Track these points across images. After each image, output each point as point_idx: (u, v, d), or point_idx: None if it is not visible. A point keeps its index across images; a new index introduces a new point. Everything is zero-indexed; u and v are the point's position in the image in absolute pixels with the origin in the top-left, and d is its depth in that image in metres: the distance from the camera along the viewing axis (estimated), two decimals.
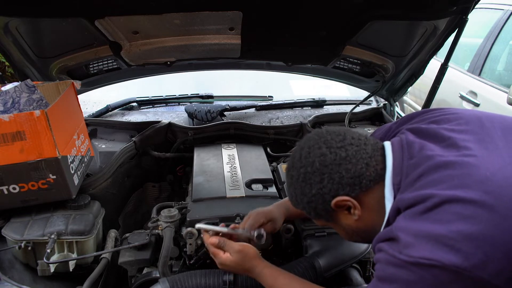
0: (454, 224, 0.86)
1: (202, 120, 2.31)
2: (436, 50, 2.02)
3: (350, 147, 1.03)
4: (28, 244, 1.38)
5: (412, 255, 0.87)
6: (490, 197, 0.87)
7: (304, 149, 1.07)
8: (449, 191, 0.90)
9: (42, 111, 1.32)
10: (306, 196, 1.06)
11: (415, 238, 0.89)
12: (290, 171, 1.10)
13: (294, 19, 1.79)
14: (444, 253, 0.84)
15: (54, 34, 1.83)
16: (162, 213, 1.51)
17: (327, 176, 1.02)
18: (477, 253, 0.83)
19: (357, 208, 1.03)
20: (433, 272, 0.85)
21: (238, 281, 1.29)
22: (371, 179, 1.02)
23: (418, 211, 0.92)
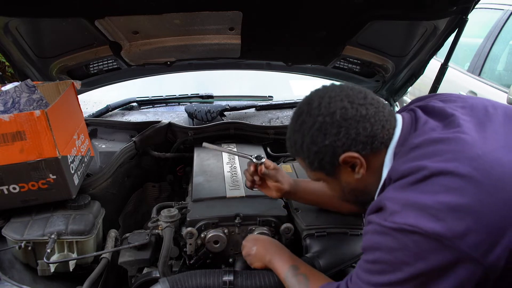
0: (440, 196, 0.89)
1: (202, 120, 2.31)
2: (436, 50, 2.02)
3: (370, 107, 1.03)
4: (28, 244, 1.38)
5: (397, 221, 0.91)
6: (479, 173, 0.90)
7: (324, 98, 1.05)
8: (440, 163, 0.93)
9: (42, 111, 1.32)
10: (317, 145, 1.05)
11: (401, 206, 0.92)
12: (302, 116, 1.07)
13: (294, 19, 1.79)
14: (427, 221, 0.87)
15: (54, 34, 1.84)
16: (162, 213, 1.51)
17: (344, 130, 1.02)
18: (459, 225, 0.86)
19: (363, 167, 1.05)
20: (415, 239, 0.88)
21: (238, 281, 1.29)
22: (382, 141, 1.04)
23: (407, 182, 0.95)
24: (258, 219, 1.49)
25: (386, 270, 0.93)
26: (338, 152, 1.03)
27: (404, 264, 0.90)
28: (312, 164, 1.10)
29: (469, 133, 0.98)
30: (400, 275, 0.91)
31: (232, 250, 1.51)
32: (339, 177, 1.11)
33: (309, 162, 1.10)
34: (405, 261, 0.90)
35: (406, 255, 0.90)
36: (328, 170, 1.09)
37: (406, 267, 0.90)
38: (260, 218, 1.49)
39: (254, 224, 1.49)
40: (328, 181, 1.15)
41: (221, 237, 1.46)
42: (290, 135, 1.13)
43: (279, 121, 2.40)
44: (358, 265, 1.02)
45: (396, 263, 0.91)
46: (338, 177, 1.10)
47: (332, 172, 1.09)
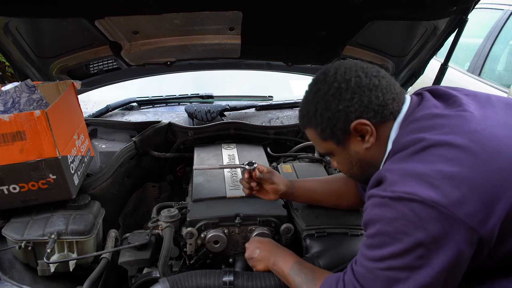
0: (437, 165, 0.93)
1: (202, 120, 2.31)
2: (436, 50, 2.02)
3: (382, 79, 1.09)
4: (28, 244, 1.38)
5: (395, 190, 0.94)
6: (475, 145, 0.94)
7: (340, 68, 1.10)
8: (438, 136, 0.97)
9: (42, 111, 1.32)
10: (330, 111, 1.08)
11: (400, 176, 0.96)
12: (317, 85, 1.12)
13: (294, 19, 1.79)
14: (424, 189, 0.90)
15: (54, 34, 1.84)
16: (162, 213, 1.51)
17: (358, 96, 1.06)
18: (455, 192, 0.89)
19: (373, 135, 1.08)
20: (413, 207, 0.91)
21: (238, 281, 1.29)
22: (391, 111, 1.08)
23: (407, 154, 0.99)
24: (258, 219, 1.49)
25: (386, 242, 0.95)
26: (351, 118, 1.07)
27: (403, 234, 0.92)
28: (324, 132, 1.12)
29: (470, 111, 1.03)
30: (401, 246, 0.93)
31: (232, 250, 1.51)
32: (348, 147, 1.13)
33: (321, 129, 1.12)
34: (404, 231, 0.92)
35: (405, 225, 0.92)
36: (338, 138, 1.12)
37: (405, 237, 0.92)
38: (260, 218, 1.49)
39: (254, 224, 1.49)
40: (337, 152, 1.17)
41: (221, 237, 1.46)
42: (303, 105, 1.17)
43: (279, 121, 2.40)
44: (361, 245, 1.04)
45: (395, 233, 0.93)
46: (347, 146, 1.13)
47: (342, 140, 1.12)
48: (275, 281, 1.29)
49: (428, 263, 0.91)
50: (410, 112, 1.08)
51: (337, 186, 1.52)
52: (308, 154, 2.05)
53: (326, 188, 1.52)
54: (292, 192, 1.50)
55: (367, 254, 1.00)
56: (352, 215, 1.51)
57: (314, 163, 1.98)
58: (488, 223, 0.89)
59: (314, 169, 1.90)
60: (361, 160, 1.14)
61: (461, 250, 0.90)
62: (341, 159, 1.18)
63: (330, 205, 1.53)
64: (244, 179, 1.46)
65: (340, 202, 1.51)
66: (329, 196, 1.51)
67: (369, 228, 0.99)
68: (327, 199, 1.51)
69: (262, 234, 1.45)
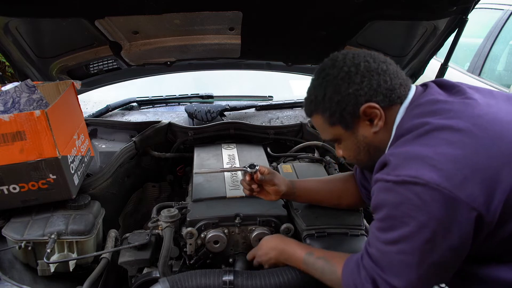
0: (440, 148, 0.96)
1: (202, 120, 2.31)
2: (436, 50, 2.02)
3: (390, 66, 1.12)
4: (28, 244, 1.38)
5: (399, 174, 0.96)
6: (477, 129, 0.97)
7: (348, 54, 1.13)
8: (441, 120, 1.00)
9: (42, 111, 1.32)
10: (340, 94, 1.10)
11: (403, 159, 0.98)
12: (325, 70, 1.13)
13: (294, 19, 1.79)
14: (427, 171, 0.93)
15: (54, 34, 1.84)
16: (162, 213, 1.51)
17: (367, 80, 1.08)
18: (457, 174, 0.92)
19: (382, 119, 1.10)
20: (416, 191, 0.93)
21: (238, 281, 1.29)
22: (399, 95, 1.10)
23: (410, 138, 1.02)
24: (258, 219, 1.49)
25: (395, 226, 0.97)
26: (360, 101, 1.09)
27: (409, 217, 0.94)
28: (333, 116, 1.13)
29: (474, 99, 1.06)
30: (408, 229, 0.95)
31: (232, 250, 1.51)
32: (356, 131, 1.14)
33: (329, 114, 1.13)
34: (410, 215, 0.94)
35: (410, 209, 0.94)
36: (347, 122, 1.13)
37: (411, 220, 0.94)
38: (260, 218, 1.49)
39: (254, 224, 1.49)
40: (345, 138, 1.17)
41: (221, 237, 1.46)
42: (310, 91, 1.18)
43: (279, 121, 2.40)
44: (371, 225, 1.07)
45: (402, 217, 0.95)
46: (356, 130, 1.14)
47: (351, 124, 1.13)
48: (275, 280, 1.29)
49: (435, 246, 0.94)
50: (415, 98, 1.11)
51: (337, 186, 1.52)
52: (308, 154, 2.05)
53: (326, 188, 1.52)
54: (292, 192, 1.50)
55: (379, 236, 1.02)
56: (352, 215, 1.51)
57: (314, 163, 1.98)
58: (490, 205, 0.92)
59: (314, 169, 1.90)
60: (369, 144, 1.15)
61: (466, 231, 0.93)
62: (349, 145, 1.18)
63: (330, 205, 1.53)
64: (245, 180, 1.46)
65: (340, 202, 1.51)
66: (329, 196, 1.51)
67: (378, 212, 1.02)
68: (328, 199, 1.51)
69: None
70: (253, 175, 1.43)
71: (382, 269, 1.02)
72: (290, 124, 2.23)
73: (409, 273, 0.98)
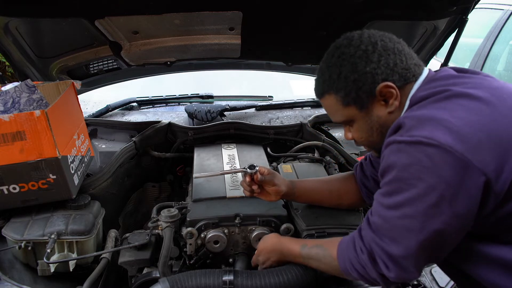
0: (456, 112, 0.95)
1: (202, 120, 2.31)
2: (436, 50, 2.02)
3: (405, 46, 1.13)
4: (28, 244, 1.38)
5: (413, 134, 0.95)
6: (495, 99, 0.98)
7: (363, 34, 1.12)
8: (461, 89, 1.00)
9: (42, 111, 1.32)
10: (357, 72, 1.08)
11: (418, 121, 0.97)
12: (340, 49, 1.11)
13: (294, 19, 1.79)
14: (442, 134, 0.92)
15: (54, 34, 1.84)
16: (162, 213, 1.51)
17: (384, 59, 1.08)
18: (472, 139, 0.91)
19: (397, 98, 1.09)
20: (428, 152, 0.92)
21: (238, 280, 1.29)
22: (414, 74, 1.10)
23: (426, 103, 1.02)
24: (258, 219, 1.49)
25: (402, 188, 0.96)
26: (377, 80, 1.07)
27: (418, 179, 0.93)
28: (348, 96, 1.11)
29: (490, 77, 1.08)
30: (415, 191, 0.94)
31: (232, 250, 1.51)
32: (371, 111, 1.12)
33: (345, 93, 1.11)
34: (418, 177, 0.93)
35: (420, 170, 0.93)
36: (362, 102, 1.11)
37: (419, 182, 0.93)
38: (260, 218, 1.49)
39: (254, 224, 1.49)
40: (358, 118, 1.15)
41: (221, 237, 1.46)
42: (323, 70, 1.16)
43: (279, 121, 2.40)
44: (376, 193, 1.06)
45: (410, 179, 0.94)
46: (370, 111, 1.12)
47: (366, 104, 1.11)
48: (275, 280, 1.29)
49: (440, 211, 0.93)
50: (430, 76, 1.11)
51: (337, 186, 1.52)
52: (308, 154, 2.05)
53: (326, 188, 1.52)
54: (293, 192, 1.50)
55: (383, 201, 1.02)
56: (352, 215, 1.51)
57: (314, 163, 1.98)
58: (501, 174, 0.91)
59: (314, 169, 1.90)
60: (382, 125, 1.13)
61: (472, 197, 0.91)
62: (361, 126, 1.16)
63: (330, 205, 1.53)
64: (246, 181, 1.45)
65: (341, 201, 1.51)
66: (329, 195, 1.51)
67: (386, 176, 1.01)
68: (328, 199, 1.51)
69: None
70: (253, 176, 1.43)
71: (381, 237, 1.02)
72: (290, 124, 2.23)
73: (409, 240, 0.97)
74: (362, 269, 1.07)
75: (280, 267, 1.33)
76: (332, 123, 2.36)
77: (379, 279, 1.05)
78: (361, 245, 1.07)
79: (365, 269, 1.06)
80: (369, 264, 1.05)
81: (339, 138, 2.25)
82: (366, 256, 1.05)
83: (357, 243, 1.08)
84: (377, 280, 1.06)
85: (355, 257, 1.08)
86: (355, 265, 1.09)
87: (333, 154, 1.99)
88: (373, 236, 1.04)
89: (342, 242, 1.16)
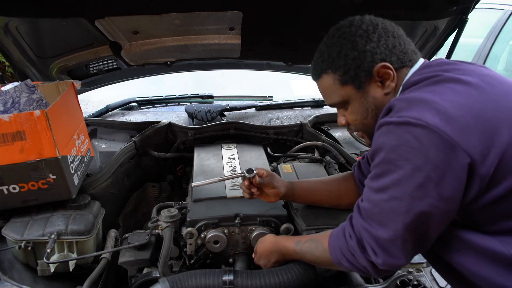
0: (446, 95, 0.97)
1: (202, 120, 2.31)
2: (436, 50, 2.02)
3: (403, 32, 1.16)
4: (28, 244, 1.38)
5: (402, 115, 0.96)
6: (485, 84, 1.00)
7: (365, 16, 1.16)
8: (451, 74, 1.03)
9: (42, 111, 1.32)
10: (357, 50, 1.10)
11: (408, 103, 0.99)
12: (342, 29, 1.15)
13: (294, 19, 1.79)
14: (430, 114, 0.93)
15: (54, 34, 1.84)
16: (162, 213, 1.51)
17: (384, 40, 1.11)
18: (460, 121, 0.92)
19: (394, 80, 1.11)
20: (415, 133, 0.93)
21: (238, 280, 1.29)
22: (410, 59, 1.13)
23: (418, 87, 1.04)
24: (258, 219, 1.49)
25: (389, 170, 0.97)
26: (376, 59, 1.10)
27: (405, 160, 0.94)
28: (346, 74, 1.12)
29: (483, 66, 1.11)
30: (402, 173, 0.95)
31: (232, 250, 1.51)
32: (367, 92, 1.14)
33: (343, 72, 1.13)
34: (406, 157, 0.94)
35: (407, 151, 0.94)
36: (360, 81, 1.12)
37: (406, 163, 0.94)
38: (260, 218, 1.49)
39: (254, 224, 1.49)
40: (354, 99, 1.16)
41: (221, 237, 1.46)
42: (322, 50, 1.18)
43: (279, 121, 2.40)
44: (367, 177, 1.07)
45: (398, 160, 0.95)
46: (366, 91, 1.14)
47: (363, 83, 1.13)
48: (275, 280, 1.29)
49: (426, 193, 0.93)
50: (425, 63, 1.13)
51: (336, 186, 1.52)
52: (308, 154, 2.05)
53: (325, 188, 1.52)
54: (292, 193, 1.49)
55: (372, 185, 1.03)
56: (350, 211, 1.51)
57: (314, 163, 1.98)
58: (487, 157, 0.92)
59: (314, 169, 1.90)
60: (377, 107, 1.14)
61: (458, 179, 0.92)
62: (357, 107, 1.17)
63: (330, 205, 1.53)
64: (244, 185, 1.45)
65: (340, 202, 1.51)
66: (329, 196, 1.51)
67: (375, 158, 1.02)
68: (327, 199, 1.51)
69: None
70: (251, 179, 1.42)
71: (370, 223, 1.02)
72: (290, 124, 2.23)
73: (396, 222, 0.97)
74: (352, 257, 1.08)
75: (280, 267, 1.33)
76: (332, 123, 2.36)
77: (369, 266, 1.05)
78: (350, 232, 1.08)
79: (355, 256, 1.07)
80: (358, 250, 1.05)
81: (339, 138, 2.25)
82: (355, 242, 1.06)
83: (346, 230, 1.09)
84: (367, 268, 1.06)
85: (344, 245, 1.09)
86: (345, 253, 1.09)
87: (333, 154, 1.99)
88: (362, 222, 1.04)
89: (333, 232, 1.16)
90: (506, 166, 0.93)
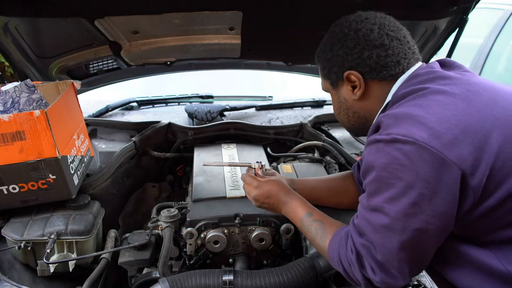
0: (432, 108, 0.96)
1: (202, 120, 2.31)
2: (436, 50, 2.01)
3: (395, 40, 1.11)
4: (28, 244, 1.38)
5: (390, 132, 0.96)
6: (471, 94, 0.99)
7: (361, 16, 1.16)
8: (437, 86, 1.02)
9: (42, 111, 1.32)
10: (332, 52, 1.16)
11: (395, 119, 0.99)
12: (337, 26, 1.18)
13: (294, 19, 1.79)
14: (417, 130, 0.92)
15: (54, 34, 1.83)
16: (162, 213, 1.51)
17: (360, 48, 1.11)
18: (447, 134, 0.91)
19: (361, 89, 1.13)
20: (405, 150, 0.92)
21: (238, 280, 1.29)
22: (392, 73, 1.11)
23: (406, 100, 1.03)
24: (258, 219, 1.48)
25: (381, 188, 0.97)
26: (346, 65, 1.13)
27: (396, 178, 0.93)
28: (322, 70, 1.22)
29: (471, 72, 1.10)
30: (394, 191, 0.94)
31: (232, 250, 1.51)
32: (340, 92, 1.20)
33: (322, 67, 1.22)
34: (397, 176, 0.93)
35: (397, 169, 0.93)
36: (333, 81, 1.19)
37: (398, 181, 0.93)
38: (260, 218, 1.49)
39: (254, 224, 1.49)
40: (332, 94, 1.25)
41: (221, 237, 1.46)
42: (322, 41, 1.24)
43: (279, 121, 2.40)
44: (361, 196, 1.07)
45: (389, 178, 0.95)
46: (339, 91, 1.20)
47: (336, 83, 1.19)
48: (275, 279, 1.28)
49: (420, 210, 0.93)
50: (416, 71, 1.11)
51: (336, 185, 1.51)
52: (308, 154, 2.04)
53: (325, 187, 1.52)
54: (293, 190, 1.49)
55: (365, 203, 1.03)
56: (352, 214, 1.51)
57: (314, 163, 1.98)
58: (478, 168, 0.91)
59: (314, 169, 1.90)
60: (348, 109, 1.19)
61: (451, 194, 0.92)
62: (333, 101, 1.26)
63: (330, 205, 1.52)
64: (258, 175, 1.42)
65: (340, 200, 1.50)
66: (329, 194, 1.51)
67: (367, 177, 1.01)
68: (327, 197, 1.51)
69: (262, 234, 1.44)
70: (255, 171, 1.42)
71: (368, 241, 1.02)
72: (290, 124, 2.23)
73: (391, 241, 0.96)
74: (349, 267, 1.08)
75: (280, 267, 1.32)
76: (332, 123, 2.36)
77: (362, 281, 1.05)
78: (352, 246, 1.07)
79: (351, 268, 1.07)
80: (356, 265, 1.05)
81: (339, 138, 2.25)
82: (354, 257, 1.06)
83: (349, 241, 1.09)
84: (360, 282, 1.06)
85: (344, 254, 1.09)
86: (343, 260, 1.09)
87: (333, 154, 1.99)
88: (361, 241, 1.04)
89: (337, 233, 1.15)
90: (497, 175, 0.93)
